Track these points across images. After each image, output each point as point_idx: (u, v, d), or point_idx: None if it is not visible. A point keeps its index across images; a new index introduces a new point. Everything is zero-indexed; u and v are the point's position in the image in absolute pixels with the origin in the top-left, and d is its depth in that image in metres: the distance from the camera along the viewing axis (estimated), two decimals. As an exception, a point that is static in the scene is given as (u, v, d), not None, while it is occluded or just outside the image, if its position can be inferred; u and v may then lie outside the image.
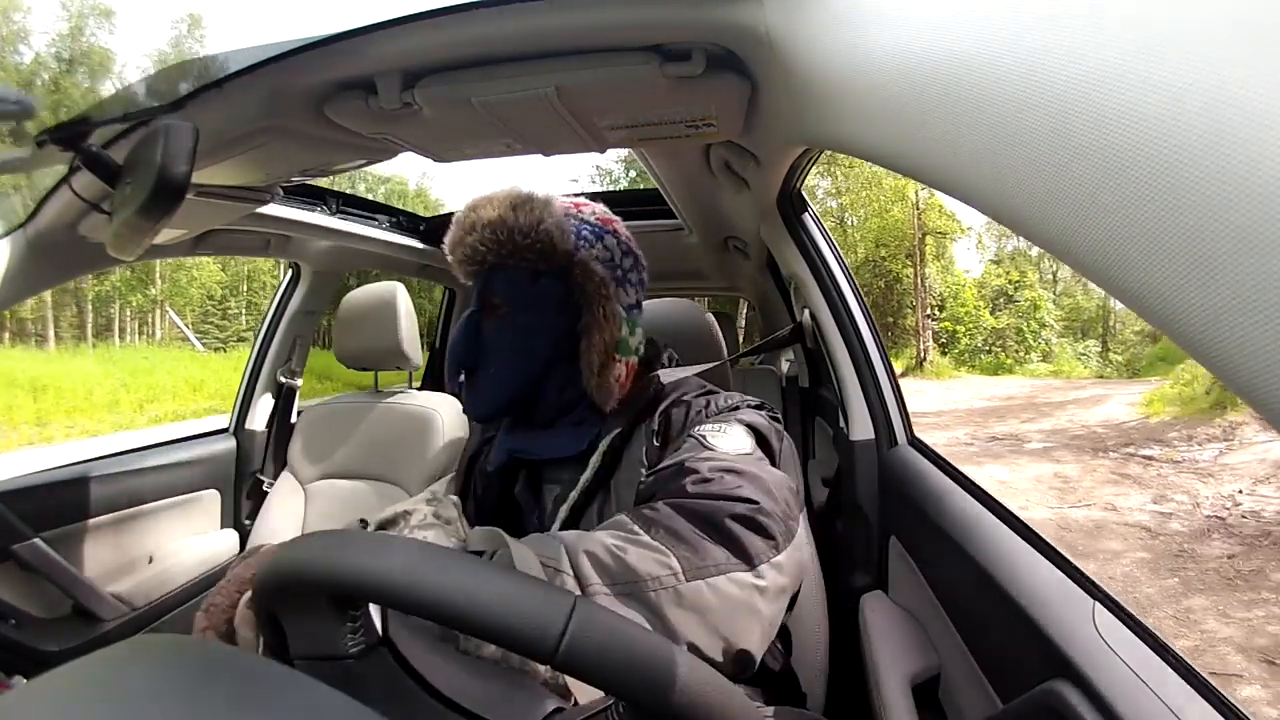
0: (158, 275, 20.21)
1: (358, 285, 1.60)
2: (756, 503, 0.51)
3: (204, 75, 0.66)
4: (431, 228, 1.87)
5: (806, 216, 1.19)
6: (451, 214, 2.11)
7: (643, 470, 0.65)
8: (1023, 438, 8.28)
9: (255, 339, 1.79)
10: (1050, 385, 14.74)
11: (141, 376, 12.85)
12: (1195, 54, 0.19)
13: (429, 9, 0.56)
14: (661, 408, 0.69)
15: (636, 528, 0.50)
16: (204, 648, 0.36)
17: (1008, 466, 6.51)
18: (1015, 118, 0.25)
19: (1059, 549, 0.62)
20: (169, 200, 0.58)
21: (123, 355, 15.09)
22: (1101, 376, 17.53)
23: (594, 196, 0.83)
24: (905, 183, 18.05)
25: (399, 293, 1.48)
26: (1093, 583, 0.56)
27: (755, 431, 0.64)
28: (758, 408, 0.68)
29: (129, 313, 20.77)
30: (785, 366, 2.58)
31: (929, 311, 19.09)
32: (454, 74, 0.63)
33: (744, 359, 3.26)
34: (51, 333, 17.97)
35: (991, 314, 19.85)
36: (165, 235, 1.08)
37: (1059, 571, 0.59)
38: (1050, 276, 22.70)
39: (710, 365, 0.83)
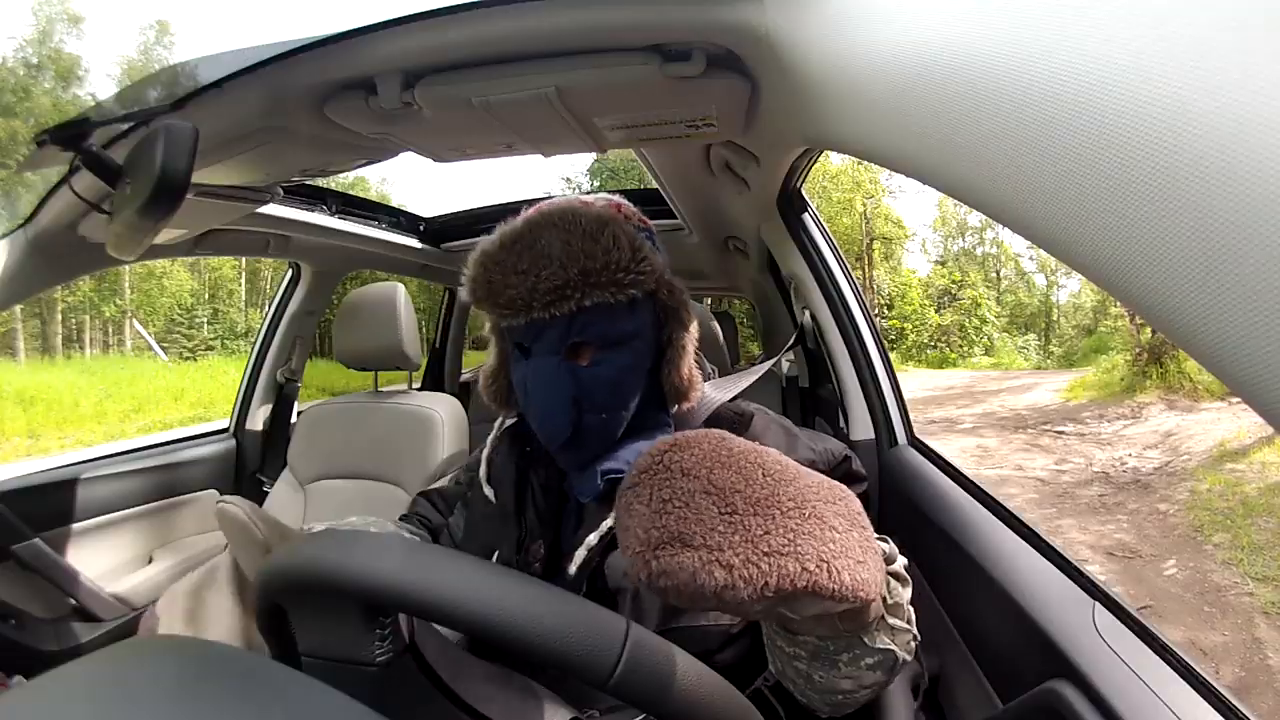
0: (127, 285, 19.89)
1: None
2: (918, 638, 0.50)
3: (204, 75, 0.66)
4: (431, 228, 1.87)
5: (806, 216, 1.19)
6: (456, 213, 2.06)
7: None
8: (956, 420, 9.40)
9: (255, 339, 1.79)
10: (989, 376, 15.95)
11: (124, 387, 12.82)
12: (1196, 52, 0.19)
13: (429, 9, 0.56)
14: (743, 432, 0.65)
15: None
16: (204, 648, 0.36)
17: (939, 441, 8.64)
18: (1015, 117, 0.25)
19: (1059, 549, 0.62)
20: (169, 200, 0.58)
21: (100, 366, 15.05)
22: (1040, 368, 18.66)
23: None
24: (852, 195, 19.34)
25: (399, 293, 1.48)
26: (1093, 583, 0.56)
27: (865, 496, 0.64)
28: (851, 468, 0.68)
29: (98, 323, 20.46)
30: (785, 366, 2.58)
31: (878, 310, 20.21)
32: (454, 74, 0.63)
33: (743, 358, 3.26)
34: (21, 345, 17.83)
35: (936, 312, 21.18)
36: (165, 235, 1.08)
37: (1059, 571, 0.59)
38: (995, 275, 24.07)
39: (751, 379, 0.79)
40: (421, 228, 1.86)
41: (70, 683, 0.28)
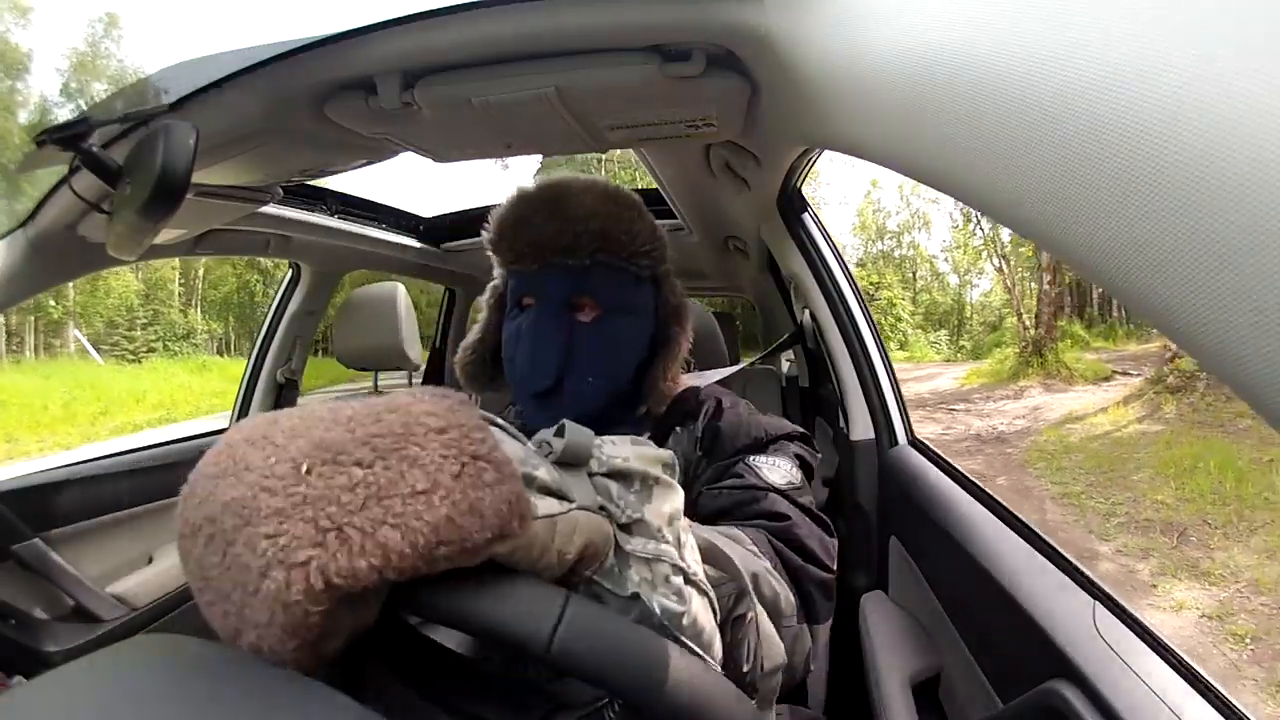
0: (71, 286, 19.03)
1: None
2: (833, 571, 0.53)
3: (203, 75, 0.66)
4: (431, 227, 1.87)
5: (806, 216, 1.19)
6: (455, 213, 2.08)
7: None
8: (863, 402, 11.76)
9: (255, 339, 1.79)
10: (901, 368, 19.87)
11: (85, 390, 12.83)
12: (1196, 53, 0.19)
13: (429, 9, 0.56)
14: (704, 419, 0.67)
15: (759, 552, 0.49)
16: (204, 648, 0.36)
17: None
18: (1015, 118, 0.25)
19: (1059, 549, 0.62)
20: (169, 200, 0.58)
21: (51, 369, 15.06)
22: (949, 360, 20.15)
23: None
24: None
25: (399, 293, 1.48)
26: (1093, 582, 0.56)
27: (802, 462, 0.65)
28: (799, 438, 0.68)
29: (41, 325, 19.92)
30: (785, 366, 2.58)
31: (802, 311, 22.22)
32: (454, 74, 0.63)
33: (742, 358, 3.26)
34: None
35: (856, 310, 23.31)
36: (165, 235, 1.08)
37: (1059, 571, 0.59)
38: (911, 275, 25.63)
39: (730, 370, 0.82)
40: (421, 228, 1.86)
41: (70, 683, 0.28)
